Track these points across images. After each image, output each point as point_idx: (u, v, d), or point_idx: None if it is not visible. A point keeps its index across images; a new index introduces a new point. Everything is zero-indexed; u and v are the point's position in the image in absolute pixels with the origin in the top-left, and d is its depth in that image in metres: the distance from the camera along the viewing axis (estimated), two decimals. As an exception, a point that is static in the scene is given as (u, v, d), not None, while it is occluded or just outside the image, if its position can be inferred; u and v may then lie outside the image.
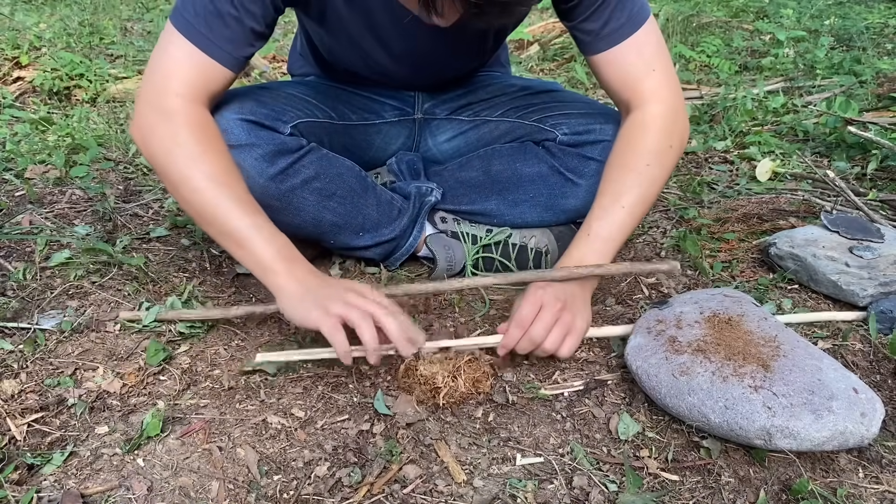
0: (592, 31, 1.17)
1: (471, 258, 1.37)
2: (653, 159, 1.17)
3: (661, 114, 1.19)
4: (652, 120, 1.19)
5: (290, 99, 1.28)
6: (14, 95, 2.58)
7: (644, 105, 1.19)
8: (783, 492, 0.86)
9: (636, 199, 1.15)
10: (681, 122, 1.22)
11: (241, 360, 1.11)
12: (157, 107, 1.07)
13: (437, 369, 1.00)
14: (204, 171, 1.04)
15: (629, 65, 1.18)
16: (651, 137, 1.18)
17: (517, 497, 0.85)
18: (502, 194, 1.38)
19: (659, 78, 1.19)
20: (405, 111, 1.47)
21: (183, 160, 1.04)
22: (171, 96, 1.06)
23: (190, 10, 1.05)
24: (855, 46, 3.40)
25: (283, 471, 0.89)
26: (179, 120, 1.06)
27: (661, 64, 1.20)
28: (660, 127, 1.18)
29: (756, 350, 0.95)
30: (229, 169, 1.07)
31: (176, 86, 1.06)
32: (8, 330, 1.14)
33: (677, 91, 1.22)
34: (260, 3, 1.06)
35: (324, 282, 1.05)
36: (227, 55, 1.08)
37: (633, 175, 1.16)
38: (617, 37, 1.16)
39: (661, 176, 1.19)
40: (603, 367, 1.10)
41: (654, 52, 1.19)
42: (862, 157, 2.00)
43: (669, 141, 1.19)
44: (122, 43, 3.31)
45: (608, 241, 1.14)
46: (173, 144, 1.05)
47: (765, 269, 1.40)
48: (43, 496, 0.84)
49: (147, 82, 1.09)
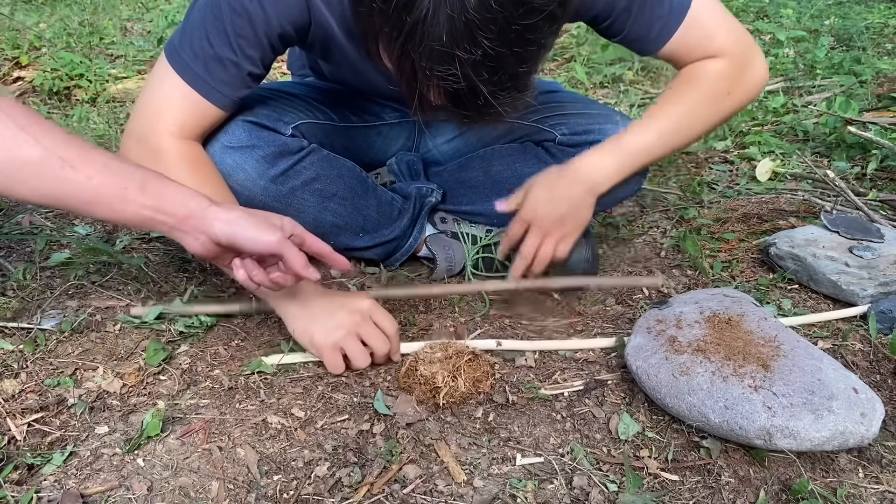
0: (642, 38, 1.15)
1: (471, 258, 1.37)
2: (705, 97, 1.17)
3: (726, 63, 1.16)
4: (715, 65, 1.16)
5: (292, 100, 1.28)
6: (14, 95, 2.58)
7: (714, 58, 1.17)
8: (783, 492, 0.86)
9: (673, 126, 1.16)
10: (750, 75, 1.19)
11: (242, 360, 1.11)
12: (147, 144, 1.07)
13: (437, 369, 1.00)
14: None
15: (691, 45, 1.16)
16: (709, 77, 1.16)
17: (517, 497, 0.85)
18: (502, 194, 1.37)
19: (721, 40, 1.15)
20: (405, 112, 1.47)
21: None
22: (162, 135, 1.06)
23: (188, 51, 1.05)
24: (855, 46, 3.40)
25: (283, 471, 0.89)
26: (171, 155, 1.06)
27: (724, 24, 1.16)
28: (722, 72, 1.16)
29: (756, 350, 0.95)
30: (226, 198, 1.10)
31: (168, 125, 1.07)
32: (8, 330, 1.14)
33: (745, 45, 1.18)
34: (259, 48, 1.06)
35: (329, 303, 1.07)
36: (224, 97, 1.09)
37: (681, 105, 1.17)
38: (667, 32, 1.14)
39: (709, 116, 1.18)
40: (603, 367, 1.10)
41: (709, 21, 1.15)
42: (862, 157, 2.00)
43: (730, 86, 1.17)
44: (122, 43, 3.31)
45: (632, 156, 1.17)
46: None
47: (765, 269, 1.40)
48: (43, 496, 0.84)
49: (138, 117, 1.09)
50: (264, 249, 0.93)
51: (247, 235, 0.91)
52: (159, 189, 0.92)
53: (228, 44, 1.04)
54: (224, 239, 0.92)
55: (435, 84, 0.81)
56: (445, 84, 0.79)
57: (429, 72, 0.79)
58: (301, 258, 0.94)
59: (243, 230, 0.91)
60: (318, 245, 0.99)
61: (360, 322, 1.06)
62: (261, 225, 0.93)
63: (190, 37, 1.05)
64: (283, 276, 0.97)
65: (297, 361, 1.10)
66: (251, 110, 1.18)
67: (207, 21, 1.03)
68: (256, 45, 1.05)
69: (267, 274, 0.96)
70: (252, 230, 0.92)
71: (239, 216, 0.93)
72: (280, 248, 0.92)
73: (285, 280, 0.97)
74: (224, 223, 0.91)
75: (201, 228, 0.92)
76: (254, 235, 0.92)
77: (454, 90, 0.80)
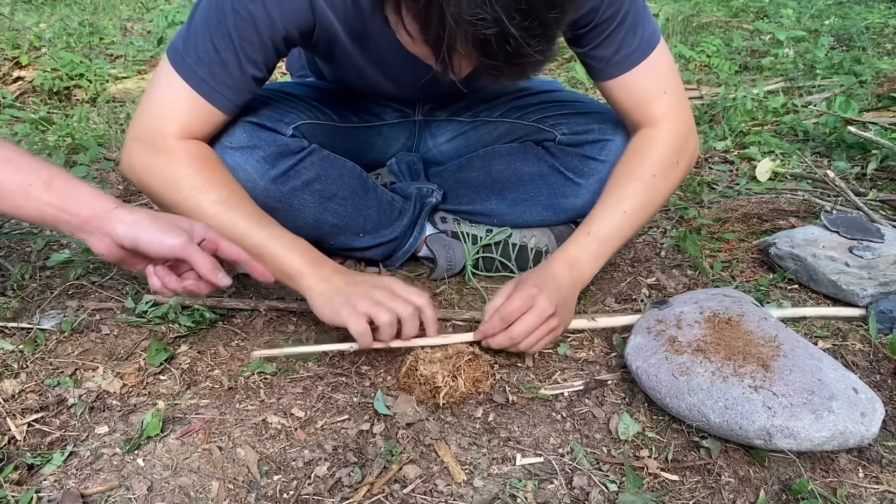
0: (604, 58, 1.16)
1: (471, 258, 1.37)
2: (659, 171, 1.18)
3: (672, 131, 1.20)
4: (662, 135, 1.20)
5: (292, 100, 1.28)
6: (14, 95, 2.58)
7: (655, 125, 1.20)
8: (783, 492, 0.86)
9: (637, 206, 1.17)
10: (691, 143, 1.23)
11: (242, 360, 1.11)
12: (154, 146, 1.07)
13: (437, 369, 1.00)
14: (212, 199, 1.05)
15: (641, 89, 1.18)
16: (660, 151, 1.19)
17: (517, 497, 0.85)
18: (503, 194, 1.38)
19: (670, 100, 1.19)
20: (406, 113, 1.47)
21: (189, 192, 1.05)
22: (168, 138, 1.06)
23: (192, 55, 1.04)
24: (855, 46, 3.40)
25: (283, 471, 0.89)
26: (179, 156, 1.06)
27: (673, 87, 1.20)
28: (670, 143, 1.20)
29: (756, 350, 0.95)
30: (235, 190, 1.09)
31: (172, 128, 1.07)
32: (8, 330, 1.14)
33: (688, 114, 1.23)
34: (263, 51, 1.05)
35: (350, 279, 1.06)
36: (228, 102, 1.09)
37: (638, 183, 1.18)
38: (628, 63, 1.16)
39: (664, 189, 1.20)
40: (603, 367, 1.10)
41: (666, 75, 1.19)
42: (862, 157, 2.00)
43: (677, 157, 1.20)
44: (122, 43, 3.31)
45: (605, 244, 1.15)
46: (176, 180, 1.06)
47: (765, 269, 1.40)
48: (43, 496, 0.84)
49: (141, 121, 1.09)
50: (168, 253, 0.92)
51: (150, 238, 0.91)
52: (65, 188, 0.91)
53: (233, 48, 1.03)
54: (127, 241, 0.91)
55: (463, 34, 0.79)
56: (475, 30, 0.78)
57: (458, 19, 0.77)
58: (208, 263, 0.93)
59: (146, 233, 0.91)
60: (234, 252, 0.98)
61: (384, 291, 1.03)
62: (165, 228, 0.92)
63: (194, 41, 1.04)
64: (195, 284, 0.96)
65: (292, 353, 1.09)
66: (252, 111, 1.18)
67: (212, 25, 1.03)
68: (261, 49, 1.05)
69: (181, 281, 0.96)
70: (155, 233, 0.91)
71: (143, 219, 0.92)
72: (184, 252, 0.92)
73: (198, 287, 0.96)
74: (127, 225, 0.90)
75: (105, 230, 0.91)
76: (157, 238, 0.91)
77: (483, 37, 0.79)
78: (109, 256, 0.93)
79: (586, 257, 1.14)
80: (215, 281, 0.94)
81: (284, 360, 1.11)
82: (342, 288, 1.03)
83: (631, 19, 1.13)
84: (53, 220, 0.91)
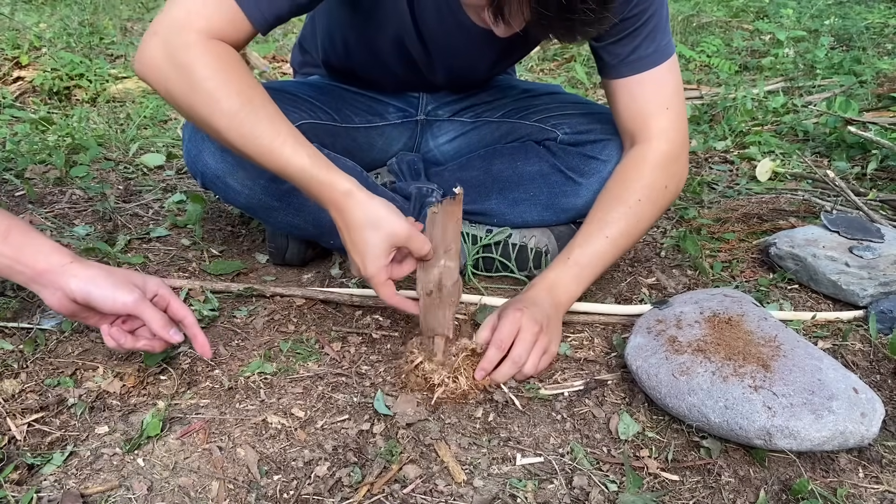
0: (619, 55, 1.16)
1: (471, 258, 1.37)
2: (645, 196, 1.18)
3: (664, 153, 1.19)
4: (653, 157, 1.19)
5: (294, 100, 1.28)
6: (14, 95, 2.58)
7: (649, 141, 1.19)
8: (783, 492, 0.86)
9: (621, 231, 1.16)
10: (682, 166, 1.23)
11: (242, 360, 1.11)
12: (175, 39, 0.98)
13: (437, 366, 1.00)
14: (231, 103, 0.97)
15: (646, 98, 1.18)
16: (648, 174, 1.19)
17: (517, 497, 0.85)
18: (503, 193, 1.38)
19: (671, 118, 1.18)
20: (408, 112, 1.47)
21: (209, 89, 0.97)
22: (190, 32, 0.98)
23: None
24: (855, 46, 3.40)
25: (283, 471, 0.89)
26: (198, 49, 0.97)
27: (676, 104, 1.19)
28: (659, 165, 1.19)
29: (756, 350, 0.95)
30: (259, 97, 1.01)
31: (198, 24, 0.98)
32: (8, 330, 1.14)
33: (685, 135, 1.22)
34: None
35: (387, 210, 1.03)
36: (260, 13, 1.02)
37: (623, 208, 1.17)
38: (641, 65, 1.16)
39: (650, 213, 1.19)
40: (603, 367, 1.10)
41: (673, 91, 1.19)
42: (862, 157, 2.00)
43: (666, 181, 1.19)
44: (122, 43, 3.31)
45: (586, 268, 1.15)
46: (193, 77, 0.97)
47: (765, 269, 1.40)
48: (43, 496, 0.84)
49: (165, 16, 1.00)
50: (120, 310, 0.92)
51: (102, 294, 0.91)
52: (22, 240, 0.92)
53: None
54: (79, 296, 0.91)
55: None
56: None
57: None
58: (159, 319, 0.93)
59: (99, 289, 0.91)
60: (182, 312, 0.98)
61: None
62: (118, 284, 0.92)
63: None
64: (149, 343, 0.97)
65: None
66: None
67: None
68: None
69: (136, 340, 0.96)
70: (108, 289, 0.91)
71: (97, 274, 0.92)
72: (136, 309, 0.92)
73: (152, 345, 0.97)
74: (81, 280, 0.90)
75: (58, 284, 0.91)
76: (109, 295, 0.91)
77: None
78: (62, 310, 0.93)
79: (566, 281, 1.13)
80: (167, 338, 0.94)
81: (284, 360, 1.11)
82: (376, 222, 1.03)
83: (654, 24, 1.13)
84: (8, 270, 0.92)
